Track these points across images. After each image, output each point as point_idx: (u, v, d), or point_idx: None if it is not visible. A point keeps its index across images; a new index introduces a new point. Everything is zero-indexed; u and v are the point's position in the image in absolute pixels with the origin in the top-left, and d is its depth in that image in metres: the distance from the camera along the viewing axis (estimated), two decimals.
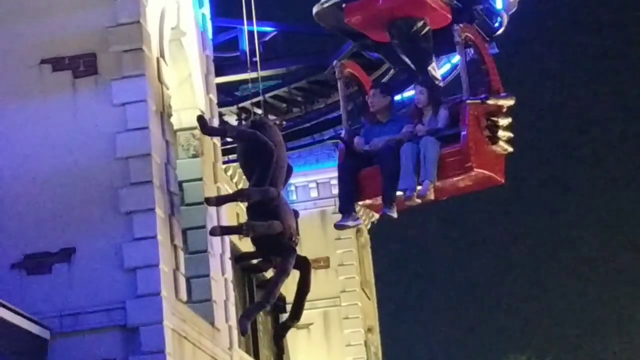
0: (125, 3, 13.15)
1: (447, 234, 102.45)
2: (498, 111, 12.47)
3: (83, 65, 12.99)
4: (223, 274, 15.15)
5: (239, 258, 15.94)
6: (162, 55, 13.90)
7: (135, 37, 13.13)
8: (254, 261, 15.20)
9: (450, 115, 12.62)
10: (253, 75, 18.85)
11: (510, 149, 12.65)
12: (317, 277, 24.91)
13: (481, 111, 12.24)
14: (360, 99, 14.19)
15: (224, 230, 15.00)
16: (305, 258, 14.53)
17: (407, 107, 14.02)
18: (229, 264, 15.68)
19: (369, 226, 32.67)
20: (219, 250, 15.31)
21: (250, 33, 19.17)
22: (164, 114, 13.75)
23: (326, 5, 14.02)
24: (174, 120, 14.48)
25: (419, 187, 12.27)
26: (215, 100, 16.75)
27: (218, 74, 16.45)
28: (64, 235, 12.50)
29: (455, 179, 12.46)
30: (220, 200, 14.88)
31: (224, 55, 16.85)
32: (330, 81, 19.29)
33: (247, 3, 18.22)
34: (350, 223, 13.89)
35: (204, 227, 14.80)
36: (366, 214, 32.89)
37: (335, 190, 29.95)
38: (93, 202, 12.71)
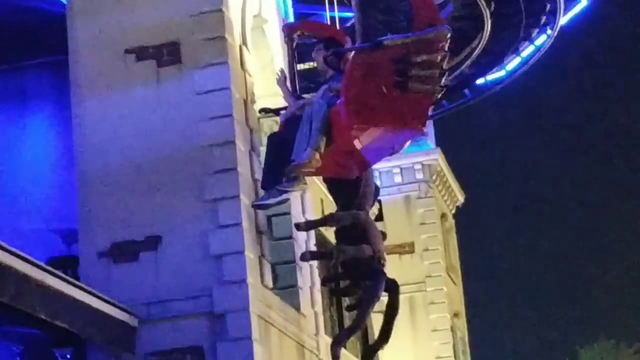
0: (201, 4, 13.27)
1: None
2: (420, 48, 10.97)
3: (166, 54, 13.16)
4: (307, 258, 14.73)
5: (325, 279, 15.41)
6: (244, 42, 13.96)
7: (218, 25, 13.22)
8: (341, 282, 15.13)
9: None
10: None
11: (427, 86, 11.17)
12: (402, 263, 24.92)
13: (384, 52, 10.93)
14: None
15: (314, 255, 14.90)
16: (394, 280, 14.05)
17: None
18: (312, 240, 15.73)
19: (453, 211, 33.04)
20: (304, 237, 15.33)
21: (332, 19, 19.31)
22: (247, 101, 13.81)
23: None
24: (256, 107, 14.51)
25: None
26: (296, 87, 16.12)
27: (300, 60, 16.59)
28: (149, 223, 12.66)
29: (342, 140, 11.43)
30: (309, 225, 14.80)
31: (306, 41, 16.99)
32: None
33: None
34: (270, 201, 12.91)
35: (288, 213, 14.88)
36: (450, 198, 32.90)
37: (420, 175, 30.56)
38: (178, 190, 12.84)
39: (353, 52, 11.56)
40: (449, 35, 11.05)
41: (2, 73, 13.91)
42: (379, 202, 14.75)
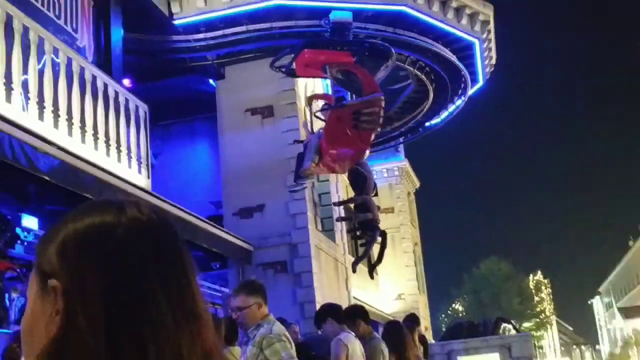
0: (286, 81, 13.72)
1: None
2: (365, 106, 10.97)
3: (266, 112, 13.93)
4: (339, 220, 14.95)
5: (349, 230, 15.01)
6: (306, 105, 13.69)
7: (292, 96, 14.06)
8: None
9: None
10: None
11: (371, 127, 11.08)
12: (387, 217, 25.18)
13: (344, 112, 10.98)
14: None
15: (343, 218, 14.63)
16: (383, 231, 14.18)
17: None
18: (341, 211, 15.47)
19: (414, 190, 33.01)
20: (338, 214, 15.12)
21: (349, 94, 20.71)
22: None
23: None
24: None
25: None
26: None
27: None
28: (258, 198, 13.37)
29: (328, 157, 11.26)
30: (340, 203, 14.87)
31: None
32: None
33: None
34: (296, 188, 12.50)
35: (328, 193, 15.39)
36: (412, 184, 33.92)
37: (396, 172, 30.10)
38: (273, 180, 13.45)
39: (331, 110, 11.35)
40: (382, 99, 11.01)
41: (184, 122, 14.91)
42: (376, 187, 16.08)
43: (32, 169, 6.95)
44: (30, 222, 7.61)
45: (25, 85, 7.62)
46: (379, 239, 14.98)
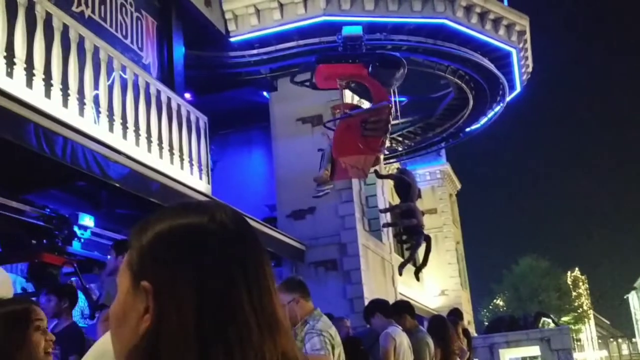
0: (333, 92, 13.96)
1: None
2: (373, 114, 10.82)
3: (315, 120, 13.80)
4: (385, 226, 15.14)
5: (395, 235, 15.69)
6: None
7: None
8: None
9: None
10: (396, 122, 20.43)
11: (377, 134, 10.77)
12: (431, 218, 25.52)
13: (352, 121, 10.81)
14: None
15: (389, 224, 15.09)
16: (428, 235, 14.34)
17: None
18: (388, 217, 15.76)
19: (455, 192, 32.75)
20: (385, 219, 15.34)
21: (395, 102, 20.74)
22: None
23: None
24: None
25: None
26: None
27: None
28: (310, 200, 12.46)
29: (341, 164, 11.03)
30: (387, 210, 15.02)
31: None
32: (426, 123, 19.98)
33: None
34: (318, 194, 11.85)
35: (375, 195, 15.48)
36: (453, 186, 33.73)
37: (439, 175, 29.85)
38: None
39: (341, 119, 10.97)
40: (390, 106, 10.79)
41: (240, 131, 14.84)
42: (419, 191, 15.95)
43: (103, 177, 7.04)
44: (87, 220, 7.57)
45: (96, 100, 7.78)
46: (424, 243, 15.14)
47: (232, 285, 0.85)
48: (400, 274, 15.32)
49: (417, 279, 15.52)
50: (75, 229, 7.49)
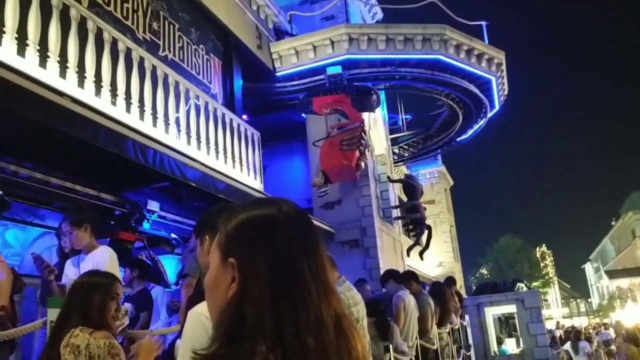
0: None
1: None
2: (348, 133, 10.95)
3: None
4: (396, 219, 15.20)
5: (403, 225, 15.53)
6: (369, 128, 14.15)
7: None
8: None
9: None
10: (403, 134, 20.29)
11: (352, 148, 10.90)
12: (430, 207, 25.22)
13: (333, 139, 10.92)
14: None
15: (399, 217, 15.03)
16: (429, 225, 14.74)
17: None
18: (397, 212, 15.65)
19: (449, 187, 32.14)
20: (395, 214, 15.59)
21: (401, 119, 20.56)
22: (372, 149, 14.22)
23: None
24: (375, 152, 14.90)
25: None
26: (390, 145, 16.91)
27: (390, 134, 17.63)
28: (337, 194, 13.06)
29: (328, 172, 11.13)
30: (397, 206, 15.24)
31: (390, 128, 18.12)
32: (430, 132, 19.47)
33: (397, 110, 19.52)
34: (320, 194, 12.02)
35: (387, 190, 15.12)
36: (447, 182, 33.44)
37: (436, 175, 29.48)
38: (347, 182, 13.00)
39: (325, 139, 11.23)
40: (362, 126, 11.10)
41: (284, 143, 14.65)
42: (422, 189, 15.81)
43: (183, 179, 7.12)
44: (153, 205, 7.51)
45: (177, 121, 7.89)
46: (426, 232, 15.06)
47: (296, 259, 0.87)
48: (408, 255, 15.35)
49: (422, 259, 15.44)
50: (145, 213, 7.51)
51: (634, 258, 47.64)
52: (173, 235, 8.17)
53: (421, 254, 16.20)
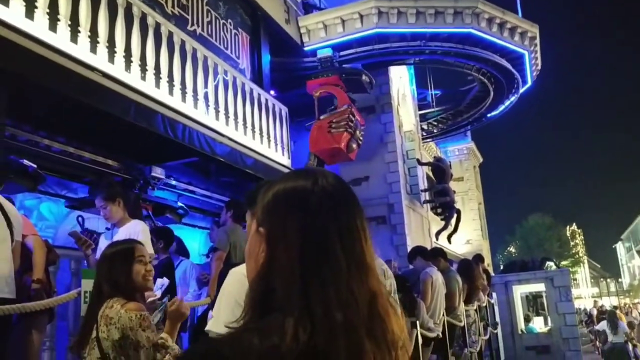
0: (384, 87, 13.84)
1: None
2: (336, 116, 10.87)
3: (369, 110, 13.59)
4: (425, 202, 15.32)
5: (431, 208, 15.58)
6: (398, 103, 14.45)
7: (388, 98, 13.77)
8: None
9: None
10: (432, 110, 20.18)
11: (340, 130, 10.79)
12: (458, 184, 24.98)
13: (322, 122, 10.84)
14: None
15: (427, 201, 15.07)
16: (459, 209, 14.87)
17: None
18: (426, 195, 15.80)
19: (478, 164, 31.61)
20: (424, 197, 15.46)
21: (430, 95, 20.36)
22: (400, 124, 14.36)
23: None
24: (403, 128, 14.92)
25: None
26: (418, 121, 16.87)
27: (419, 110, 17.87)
28: (365, 170, 13.27)
29: (319, 154, 10.95)
30: (425, 190, 15.19)
31: (419, 103, 17.97)
32: (460, 108, 19.09)
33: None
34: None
35: (415, 167, 14.98)
36: (477, 159, 33.19)
37: (465, 152, 29.23)
38: (375, 159, 13.29)
39: (314, 122, 11.07)
40: (350, 109, 10.94)
41: (313, 118, 15.08)
42: (452, 175, 15.86)
43: (212, 154, 7.23)
44: (158, 172, 7.20)
45: (206, 96, 7.90)
46: (455, 215, 15.00)
47: (327, 234, 0.84)
48: (437, 239, 15.31)
49: (449, 242, 15.39)
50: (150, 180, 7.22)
51: None
52: (179, 204, 7.96)
53: (449, 237, 16.19)
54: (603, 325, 12.27)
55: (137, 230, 4.11)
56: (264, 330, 0.79)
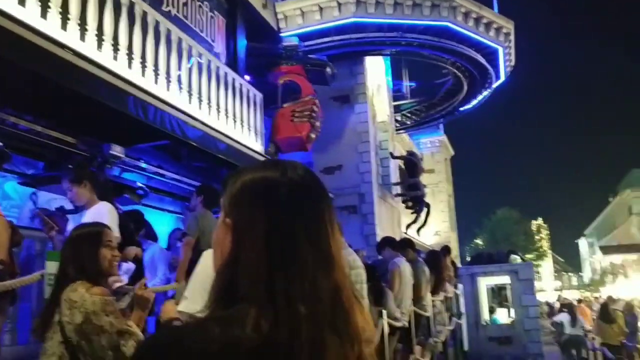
0: (359, 77, 13.80)
1: None
2: (300, 105, 10.78)
3: (344, 99, 13.58)
4: (397, 196, 15.24)
5: (402, 201, 15.49)
6: (372, 94, 14.48)
7: (364, 88, 13.74)
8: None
9: None
10: (406, 101, 20.28)
11: (303, 120, 10.74)
12: (429, 176, 25.46)
13: (286, 110, 10.72)
14: None
15: (399, 195, 15.08)
16: (428, 203, 15.06)
17: None
18: (398, 189, 16.06)
19: (449, 157, 31.87)
20: (396, 191, 15.77)
21: (405, 87, 20.41)
22: (374, 115, 14.41)
23: None
24: (377, 118, 14.94)
25: None
26: (392, 112, 16.83)
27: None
28: (338, 159, 13.29)
29: (280, 143, 10.82)
30: (397, 183, 15.23)
31: (394, 94, 18.00)
32: (434, 101, 19.42)
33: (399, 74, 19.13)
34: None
35: (387, 157, 15.13)
36: (448, 152, 33.29)
37: (437, 144, 29.33)
38: (348, 148, 13.34)
39: (277, 109, 10.95)
40: (314, 99, 10.86)
41: None
42: (423, 170, 15.96)
43: (184, 137, 7.12)
44: (117, 150, 6.68)
45: (179, 78, 7.79)
46: (425, 210, 15.14)
47: (294, 226, 0.84)
48: (406, 233, 15.46)
49: (419, 234, 15.52)
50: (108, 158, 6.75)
51: (629, 235, 48.02)
52: (139, 184, 7.63)
53: (419, 230, 16.39)
54: (561, 317, 12.60)
55: (103, 212, 4.04)
56: (227, 320, 0.79)
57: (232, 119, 9.22)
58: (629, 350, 11.99)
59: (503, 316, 12.71)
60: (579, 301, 21.92)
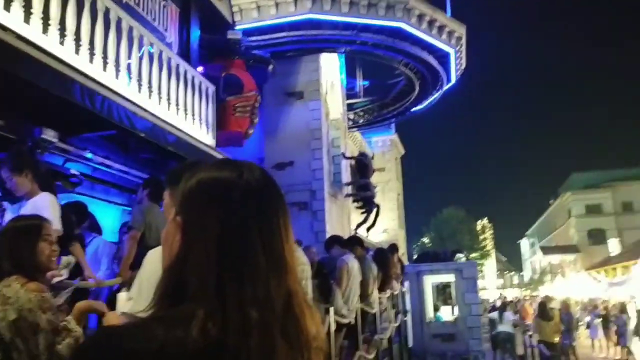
0: (313, 74, 14.00)
1: None
2: (242, 100, 10.63)
3: (299, 95, 13.65)
4: (347, 196, 15.76)
5: (352, 201, 15.69)
6: (326, 92, 14.54)
7: (317, 85, 13.82)
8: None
9: None
10: (359, 100, 20.42)
11: (245, 115, 10.67)
12: (381, 174, 25.56)
13: (228, 103, 10.42)
14: None
15: (349, 195, 15.34)
16: (378, 204, 15.18)
17: None
18: (349, 189, 16.36)
19: (399, 156, 32.25)
20: (347, 191, 16.00)
21: (359, 85, 20.55)
22: (328, 112, 14.52)
23: None
24: (330, 116, 15.11)
25: None
26: (345, 110, 17.12)
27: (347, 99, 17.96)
28: (290, 155, 13.37)
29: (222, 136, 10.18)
30: (349, 184, 15.33)
31: (347, 93, 18.10)
32: (387, 100, 19.98)
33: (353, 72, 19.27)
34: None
35: (339, 155, 15.09)
36: (398, 151, 33.71)
37: (388, 143, 30.49)
38: (301, 144, 13.43)
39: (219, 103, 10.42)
40: (256, 95, 10.71)
41: None
42: (373, 154, 16.17)
43: (132, 128, 6.88)
44: (49, 135, 6.31)
45: (129, 67, 7.58)
46: (374, 210, 15.32)
47: (247, 229, 0.82)
48: (356, 232, 15.60)
49: (367, 233, 15.64)
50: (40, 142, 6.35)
51: (568, 236, 49.97)
52: (73, 171, 7.19)
53: (368, 229, 16.59)
54: (494, 315, 13.04)
55: (44, 204, 3.88)
56: (171, 320, 0.76)
57: (183, 111, 9.04)
58: (565, 347, 12.50)
59: (447, 314, 13.02)
60: (523, 299, 22.65)
